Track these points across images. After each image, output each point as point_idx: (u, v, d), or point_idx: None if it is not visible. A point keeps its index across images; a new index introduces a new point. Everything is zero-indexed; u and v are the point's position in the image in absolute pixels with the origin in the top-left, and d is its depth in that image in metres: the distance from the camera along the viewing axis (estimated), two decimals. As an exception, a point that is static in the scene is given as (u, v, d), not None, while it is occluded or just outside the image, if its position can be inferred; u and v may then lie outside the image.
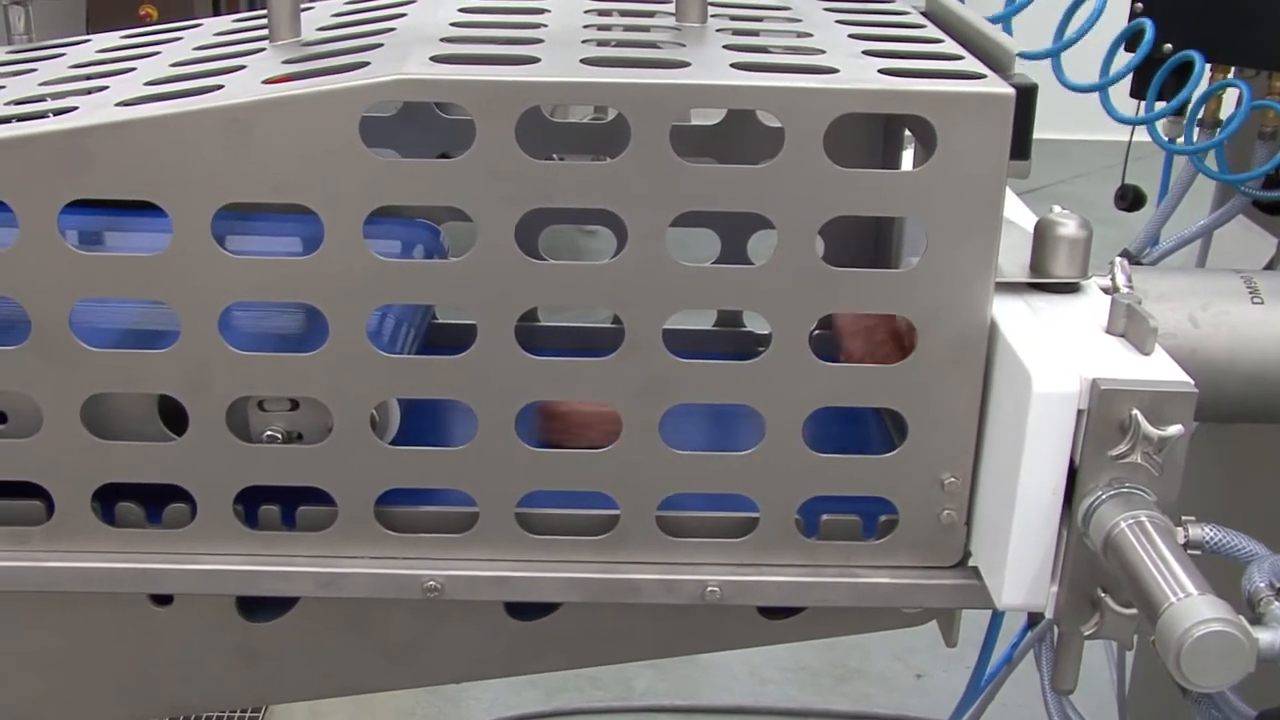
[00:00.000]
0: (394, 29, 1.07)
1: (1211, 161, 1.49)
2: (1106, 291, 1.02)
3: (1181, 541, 0.90)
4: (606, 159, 0.93)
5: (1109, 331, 0.97)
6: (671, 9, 1.12)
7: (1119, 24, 1.48)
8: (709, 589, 1.01)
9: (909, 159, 1.24)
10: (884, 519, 1.02)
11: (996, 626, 1.16)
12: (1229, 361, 1.09)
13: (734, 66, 0.95)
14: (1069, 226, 1.02)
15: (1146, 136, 1.52)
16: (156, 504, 1.01)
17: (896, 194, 0.95)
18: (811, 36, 1.08)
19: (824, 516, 1.02)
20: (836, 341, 1.14)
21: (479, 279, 0.93)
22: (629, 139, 0.91)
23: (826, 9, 1.21)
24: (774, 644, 1.10)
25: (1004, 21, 1.46)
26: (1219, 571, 0.87)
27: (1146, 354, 0.93)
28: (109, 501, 1.01)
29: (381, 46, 1.01)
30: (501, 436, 0.97)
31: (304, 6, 1.11)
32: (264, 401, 1.01)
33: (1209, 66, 1.45)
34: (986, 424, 0.98)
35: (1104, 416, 0.88)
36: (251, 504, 1.01)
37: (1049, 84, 1.15)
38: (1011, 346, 0.94)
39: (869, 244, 1.28)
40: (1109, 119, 1.48)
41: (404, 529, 1.01)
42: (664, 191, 0.92)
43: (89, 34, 1.31)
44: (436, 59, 0.95)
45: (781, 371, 0.97)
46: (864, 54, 1.02)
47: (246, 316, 1.04)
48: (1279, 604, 0.89)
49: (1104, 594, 0.91)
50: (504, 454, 0.98)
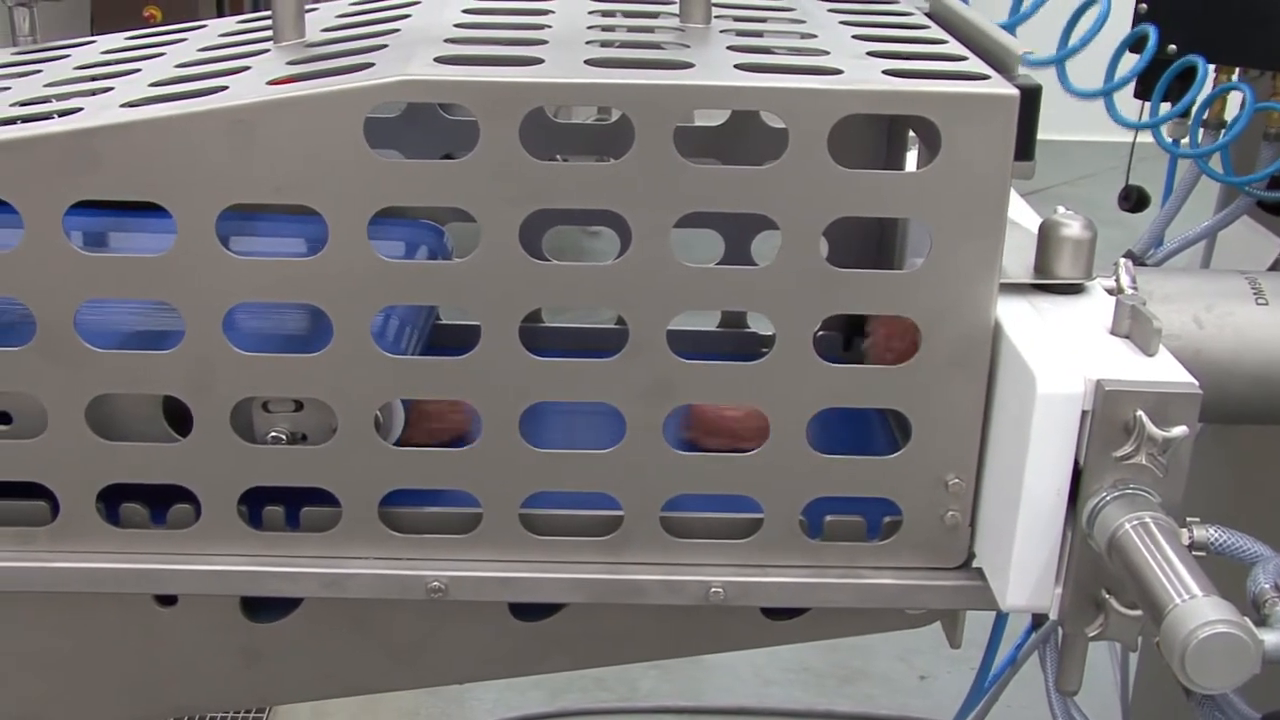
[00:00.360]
0: (398, 30, 1.07)
1: (1216, 163, 1.49)
2: (1111, 293, 1.02)
3: (1186, 543, 0.90)
4: (610, 160, 0.93)
5: (1113, 333, 0.96)
6: (675, 10, 1.12)
7: (1123, 24, 1.48)
8: (713, 590, 1.01)
9: (913, 160, 1.24)
10: (888, 520, 1.02)
11: (1001, 628, 1.16)
12: (1233, 362, 1.09)
13: (738, 67, 0.95)
14: (1073, 227, 1.02)
15: (1151, 137, 1.52)
16: (161, 505, 1.02)
17: (900, 195, 0.95)
18: (815, 37, 1.08)
19: (828, 517, 1.02)
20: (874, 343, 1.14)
21: (483, 280, 0.93)
22: (632, 140, 0.91)
23: (830, 10, 1.21)
24: (778, 645, 1.10)
25: (1009, 29, 1.46)
26: (1224, 573, 0.87)
27: (1151, 355, 0.93)
28: (113, 502, 1.01)
29: (386, 48, 1.01)
30: (505, 437, 0.97)
31: (308, 7, 1.11)
32: (268, 402, 1.01)
33: (1213, 67, 1.45)
34: (991, 425, 0.98)
35: (1108, 418, 0.88)
36: (256, 505, 1.01)
37: (1052, 85, 1.15)
38: (1016, 347, 0.94)
39: (872, 245, 1.28)
40: (1111, 119, 1.48)
41: (408, 530, 1.01)
42: (668, 192, 0.92)
43: (94, 35, 1.31)
44: (441, 60, 0.95)
45: (785, 372, 0.97)
46: (868, 55, 1.02)
47: (251, 317, 1.04)
48: (1284, 605, 0.89)
49: (1108, 595, 0.91)
50: (508, 455, 0.98)
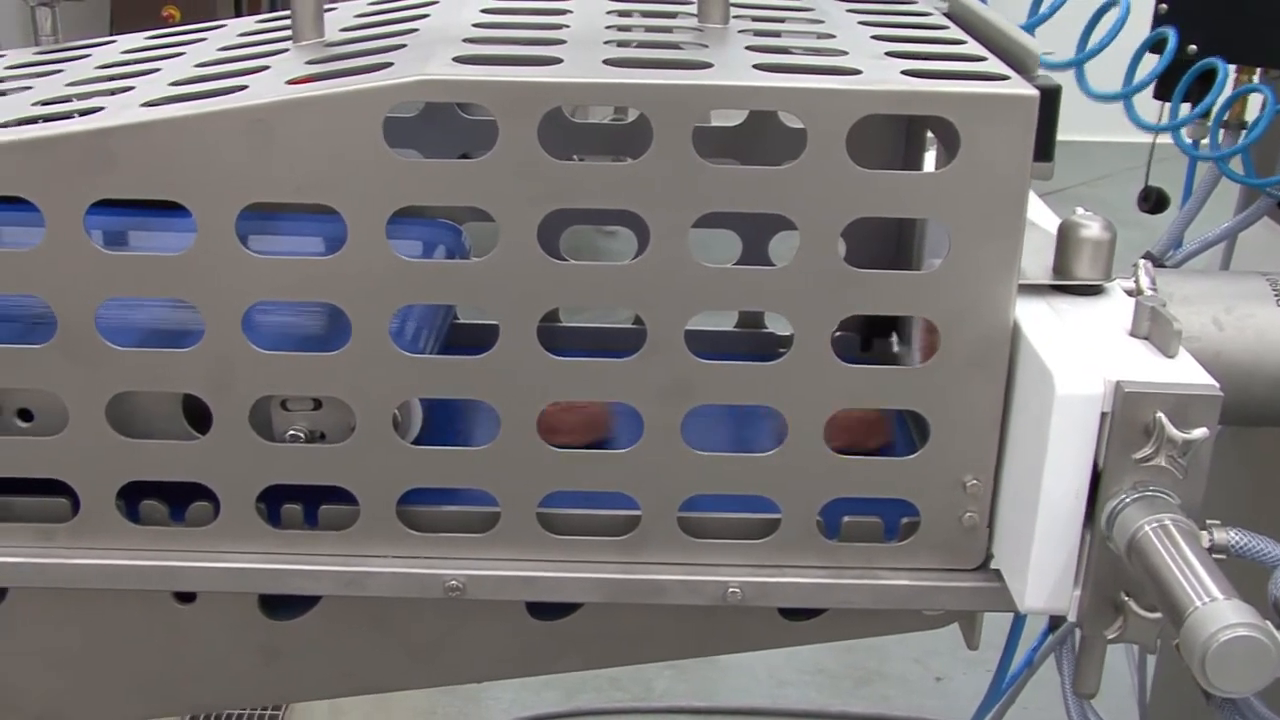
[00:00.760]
0: (417, 29, 1.07)
1: (1236, 165, 1.48)
2: (1130, 294, 1.02)
3: (1206, 545, 0.89)
4: (627, 159, 0.93)
5: (1133, 334, 0.96)
6: (693, 10, 1.12)
7: (1143, 25, 1.48)
8: (730, 590, 1.01)
9: (931, 160, 1.24)
10: (905, 521, 1.02)
11: (1018, 629, 1.16)
12: (1254, 364, 1.09)
13: (756, 67, 0.95)
14: (1093, 228, 1.02)
15: (1171, 139, 1.51)
16: (180, 502, 1.02)
17: (919, 195, 0.94)
18: (834, 38, 1.08)
19: (845, 518, 1.02)
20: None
21: (501, 279, 0.94)
22: (651, 140, 0.91)
23: (849, 10, 1.21)
24: (795, 645, 1.10)
25: (1028, 30, 1.46)
26: (1245, 577, 0.87)
27: (1171, 357, 0.93)
28: (133, 499, 1.01)
29: (405, 47, 1.01)
30: (523, 436, 0.98)
31: (327, 7, 1.12)
32: (287, 401, 1.01)
33: (1234, 68, 1.45)
34: (1009, 426, 0.98)
35: (1128, 419, 0.88)
36: (274, 503, 1.01)
37: (1071, 85, 1.14)
38: (1034, 348, 0.94)
39: (890, 245, 1.28)
40: (1132, 123, 1.48)
41: (426, 528, 1.01)
42: (686, 192, 0.92)
43: (113, 35, 1.32)
44: (459, 60, 0.95)
45: (803, 373, 0.97)
46: (887, 55, 1.02)
47: (269, 316, 1.04)
48: (1305, 609, 0.89)
49: (1127, 598, 0.91)
50: (526, 454, 0.98)
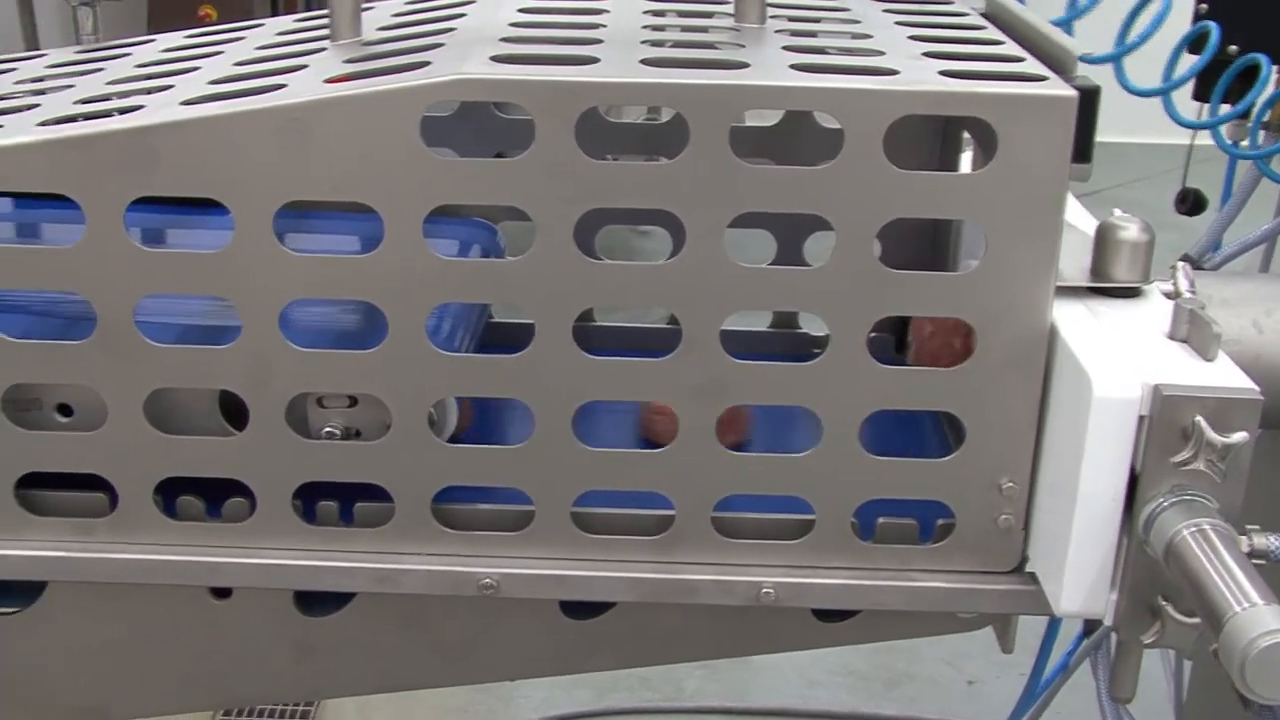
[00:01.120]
0: (454, 29, 1.08)
1: (1277, 165, 1.47)
2: (1169, 296, 1.01)
3: (1245, 550, 0.89)
4: (660, 159, 0.93)
5: (1171, 337, 0.96)
6: (729, 9, 1.12)
7: (1182, 25, 1.47)
8: (764, 590, 1.01)
9: (967, 160, 1.23)
10: (941, 523, 1.02)
11: (1053, 633, 1.15)
12: (1294, 368, 1.08)
13: (793, 68, 0.95)
14: (1131, 230, 1.01)
15: (1207, 139, 1.50)
16: (217, 498, 1.03)
17: (956, 196, 0.94)
18: (871, 38, 1.08)
19: (880, 519, 1.02)
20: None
21: (538, 278, 0.94)
22: (688, 140, 0.91)
23: (885, 10, 1.20)
24: (828, 646, 1.10)
25: (1065, 25, 1.45)
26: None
27: (1210, 360, 0.92)
28: (170, 495, 1.02)
29: (442, 46, 1.01)
30: (558, 436, 0.98)
31: (364, 7, 1.12)
32: (323, 398, 1.01)
33: (1276, 68, 1.43)
34: (1046, 428, 0.97)
35: (1166, 423, 0.88)
36: (310, 499, 1.02)
37: (1107, 85, 1.14)
38: (1072, 351, 0.93)
39: (925, 246, 1.28)
40: (1168, 122, 1.47)
41: (461, 526, 1.01)
42: (723, 192, 0.92)
43: (150, 34, 1.33)
44: (497, 59, 0.95)
45: (839, 373, 0.96)
46: (924, 55, 1.01)
47: (306, 313, 1.05)
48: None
49: (1165, 602, 0.90)
50: (561, 453, 0.98)
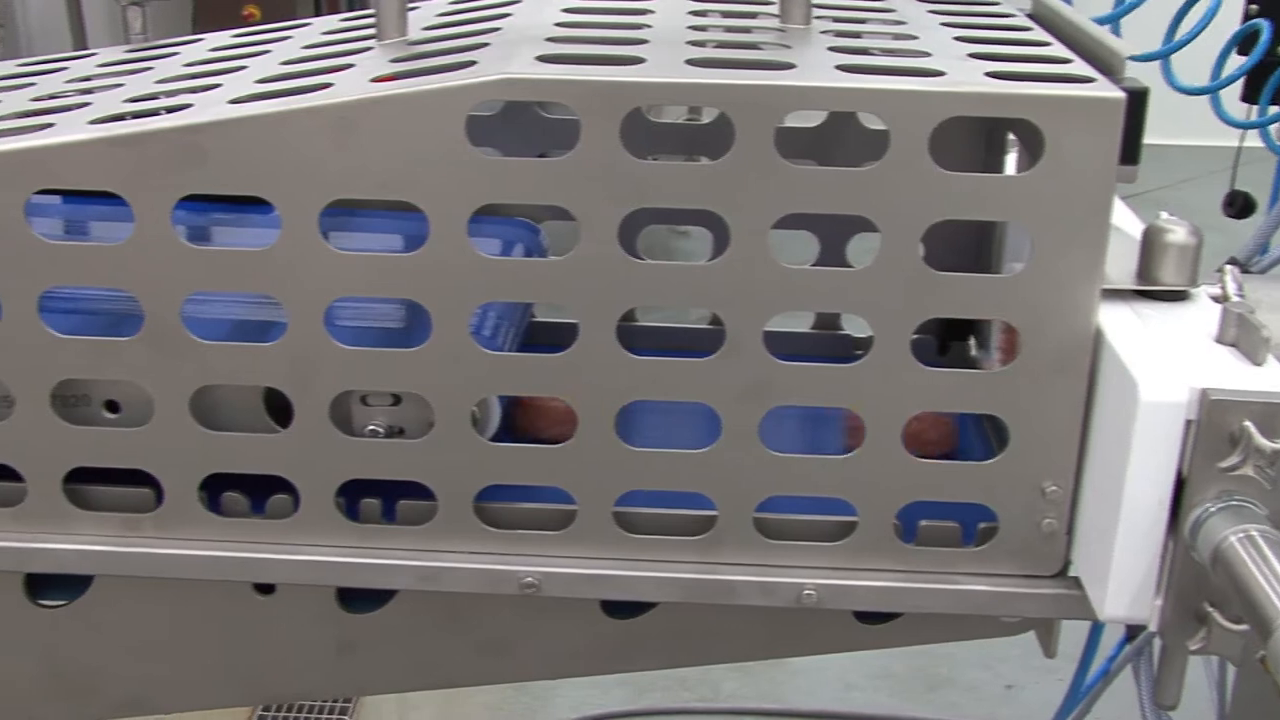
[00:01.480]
0: (499, 28, 1.08)
1: (1326, 168, 1.46)
2: (1216, 300, 1.00)
3: (1293, 557, 0.88)
4: (701, 159, 0.93)
5: (1219, 341, 0.95)
6: (774, 10, 1.12)
7: (1231, 24, 1.46)
8: (805, 592, 1.00)
9: (1011, 162, 1.23)
10: (983, 526, 1.01)
11: (1096, 638, 1.15)
12: (1343, 373, 1.07)
13: (839, 68, 0.95)
14: (1178, 233, 1.00)
15: (1256, 141, 1.49)
16: (261, 494, 1.03)
17: (1002, 198, 0.94)
18: (916, 39, 1.08)
19: (922, 522, 1.01)
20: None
21: (582, 278, 0.94)
22: (732, 140, 0.91)
23: (931, 11, 1.20)
24: (869, 649, 1.09)
25: (1112, 23, 1.44)
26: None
27: (1258, 364, 0.91)
28: (215, 491, 1.03)
29: (488, 46, 1.01)
30: (601, 435, 0.98)
31: (410, 6, 1.13)
32: (367, 396, 1.02)
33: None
34: (1090, 432, 0.97)
35: (1214, 427, 0.87)
36: (353, 497, 1.02)
37: (1152, 86, 1.13)
38: (1118, 354, 0.92)
39: (969, 248, 1.27)
40: (1213, 123, 1.46)
41: (503, 525, 1.02)
42: (768, 193, 0.92)
43: (195, 33, 1.34)
44: (542, 59, 0.95)
45: (883, 375, 0.96)
46: (969, 56, 1.01)
47: (350, 311, 1.05)
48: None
49: (1211, 609, 0.89)
50: (603, 453, 0.98)
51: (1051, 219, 0.92)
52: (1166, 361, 0.91)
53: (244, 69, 1.10)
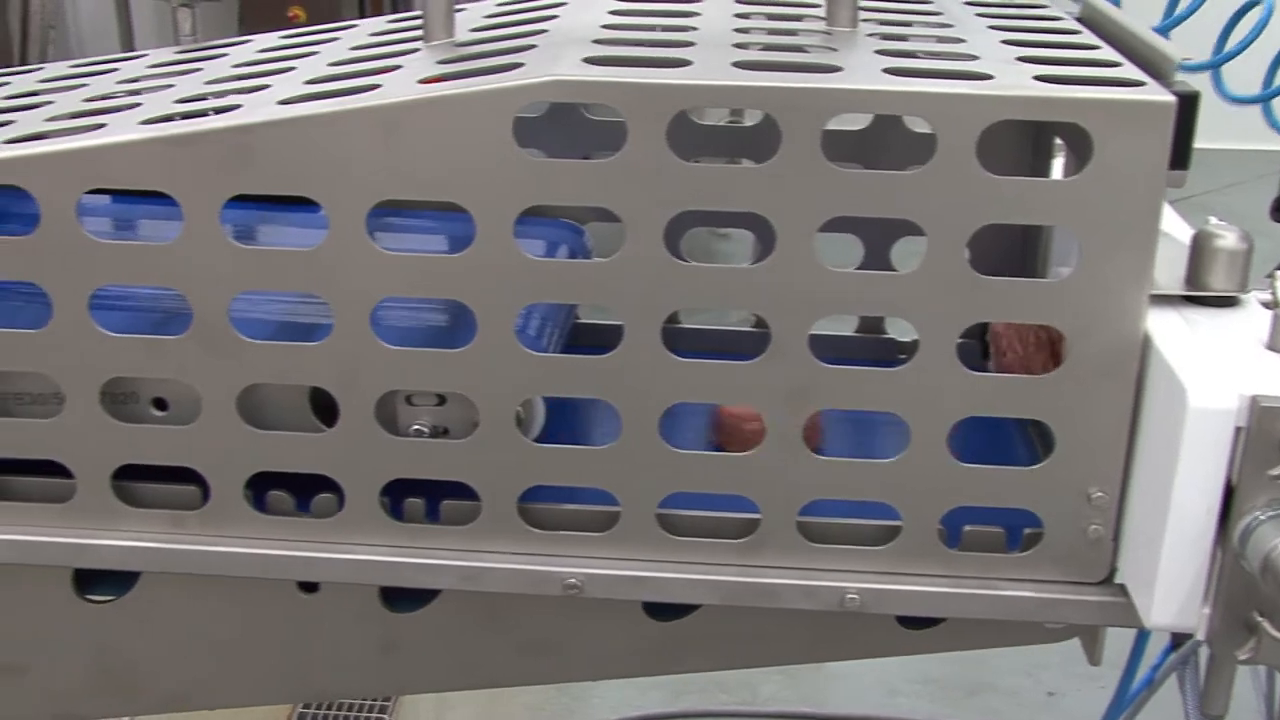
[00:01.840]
0: (546, 30, 1.08)
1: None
2: (1267, 306, 0.99)
3: (1345, 567, 0.87)
4: (742, 161, 0.93)
5: (1270, 348, 0.94)
6: (820, 13, 1.12)
7: (1281, 31, 1.45)
8: (848, 596, 1.00)
9: (1058, 166, 1.22)
10: (1028, 532, 1.00)
11: (1142, 646, 1.14)
12: (1396, 381, 1.06)
13: (886, 71, 0.94)
14: (1228, 238, 1.00)
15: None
16: (306, 493, 1.04)
17: (1050, 202, 0.93)
18: (964, 42, 1.07)
19: (966, 527, 1.01)
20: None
21: (628, 280, 0.94)
22: (778, 143, 0.91)
23: (979, 14, 1.19)
24: (912, 654, 1.09)
25: (1162, 35, 1.43)
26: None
27: (1310, 372, 0.90)
28: (260, 489, 1.04)
29: (535, 48, 1.02)
30: (645, 437, 0.98)
31: (456, 8, 1.13)
32: (412, 396, 1.02)
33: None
34: (1138, 439, 0.96)
35: (1263, 434, 0.86)
36: (397, 496, 1.03)
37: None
38: (1166, 360, 0.92)
39: (1013, 252, 1.27)
40: (1259, 127, 1.44)
41: (546, 526, 1.02)
42: (814, 196, 0.92)
43: (241, 34, 1.35)
44: (589, 60, 0.95)
45: (928, 380, 0.96)
46: (1018, 60, 1.00)
47: (395, 311, 1.06)
48: None
49: (1261, 618, 0.88)
50: (647, 455, 0.98)
51: (1100, 224, 0.92)
52: (1216, 368, 0.90)
53: (293, 70, 1.10)
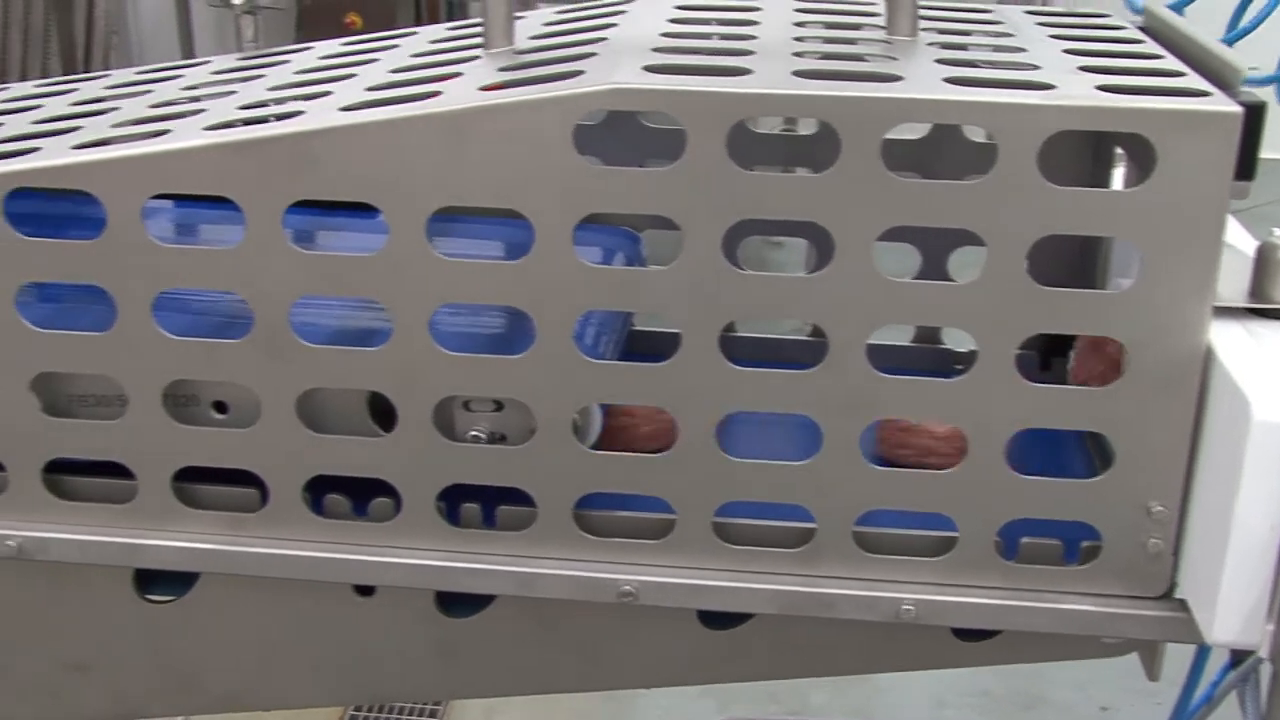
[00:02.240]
0: (605, 38, 1.09)
1: None
2: (1333, 319, 0.98)
3: None
4: (796, 170, 0.93)
5: (1336, 361, 0.93)
6: (879, 22, 1.12)
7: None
8: (904, 607, 1.00)
9: (1118, 177, 1.21)
10: (1086, 545, 1.00)
11: (1202, 662, 1.12)
12: None
13: (947, 81, 0.94)
14: (1293, 251, 0.99)
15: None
16: (363, 497, 1.04)
17: (1112, 213, 0.92)
18: (1025, 51, 1.07)
19: (1024, 539, 1.00)
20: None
21: (686, 288, 0.94)
22: (838, 152, 0.91)
23: (1039, 24, 1.19)
24: (967, 666, 1.08)
25: (1228, 44, 1.42)
26: None
27: (1377, 386, 0.89)
28: (318, 493, 1.04)
29: (595, 56, 1.02)
30: (701, 445, 0.98)
31: (516, 15, 1.13)
32: (469, 402, 1.03)
33: None
34: (1199, 452, 0.95)
35: (1329, 449, 0.85)
36: (453, 501, 1.03)
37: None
38: (1229, 373, 0.91)
39: (1071, 262, 1.26)
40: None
41: (602, 533, 1.02)
42: (874, 205, 0.91)
43: (299, 40, 1.36)
44: (649, 69, 0.96)
45: (986, 391, 0.95)
46: (1080, 69, 1.00)
47: (452, 317, 1.06)
48: None
49: (1325, 635, 0.88)
50: (703, 463, 0.98)
51: (1162, 235, 0.91)
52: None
53: (354, 77, 1.11)
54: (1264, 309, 0.99)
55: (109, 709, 1.15)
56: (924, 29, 1.10)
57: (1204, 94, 0.93)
